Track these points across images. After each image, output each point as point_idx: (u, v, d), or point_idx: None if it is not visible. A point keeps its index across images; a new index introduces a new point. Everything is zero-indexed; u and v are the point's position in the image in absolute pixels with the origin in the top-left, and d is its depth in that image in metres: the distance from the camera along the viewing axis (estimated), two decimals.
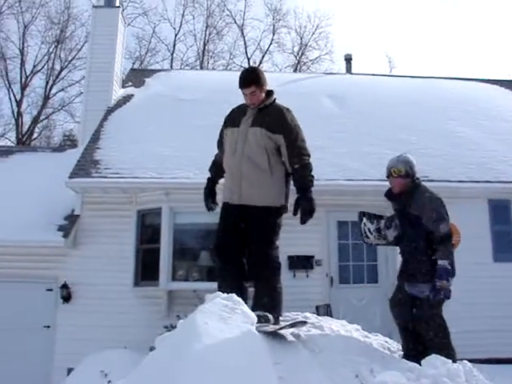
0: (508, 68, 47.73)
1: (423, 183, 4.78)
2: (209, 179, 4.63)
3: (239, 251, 4.21)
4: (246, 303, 3.70)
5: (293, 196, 4.25)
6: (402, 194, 4.65)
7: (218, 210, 4.47)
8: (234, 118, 4.38)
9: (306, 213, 4.05)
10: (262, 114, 4.23)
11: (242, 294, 3.93)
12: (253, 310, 3.73)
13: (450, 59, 46.57)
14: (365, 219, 4.92)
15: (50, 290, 9.56)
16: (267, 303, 3.96)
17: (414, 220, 4.50)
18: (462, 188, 9.70)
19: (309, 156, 4.21)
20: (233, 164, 4.21)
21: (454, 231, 4.79)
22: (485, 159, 10.72)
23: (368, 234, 4.88)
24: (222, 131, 4.51)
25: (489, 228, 10.02)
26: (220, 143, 4.53)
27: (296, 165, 4.14)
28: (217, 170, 4.57)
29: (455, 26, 48.86)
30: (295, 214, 4.07)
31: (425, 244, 4.44)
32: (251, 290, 4.22)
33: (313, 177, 4.19)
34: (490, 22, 48.68)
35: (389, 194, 4.83)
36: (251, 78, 4.26)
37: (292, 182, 4.30)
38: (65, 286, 9.39)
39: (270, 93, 4.35)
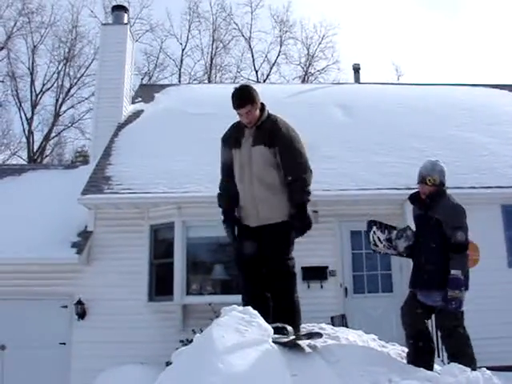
0: None
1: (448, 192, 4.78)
2: (224, 212, 4.42)
3: (259, 263, 4.18)
4: (268, 314, 3.75)
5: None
6: (426, 199, 4.65)
7: None
8: (233, 139, 4.32)
9: (298, 231, 4.10)
10: (260, 132, 4.19)
11: (265, 305, 3.98)
12: (273, 321, 3.73)
13: (458, 65, 46.51)
14: (375, 228, 4.89)
15: (65, 306, 9.60)
16: (286, 314, 3.94)
17: (434, 224, 4.48)
18: (475, 194, 9.64)
19: (305, 169, 4.12)
20: (243, 189, 4.20)
21: (473, 249, 4.79)
22: (496, 164, 10.66)
23: (377, 242, 4.86)
24: (226, 152, 4.38)
25: (503, 233, 9.93)
26: (225, 166, 4.39)
27: (289, 177, 4.09)
28: (228, 199, 4.39)
29: (462, 32, 48.84)
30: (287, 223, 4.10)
31: (442, 251, 4.42)
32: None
33: (305, 191, 4.09)
34: (496, 27, 48.61)
35: (413, 198, 4.83)
36: (245, 97, 4.20)
37: None
38: (79, 303, 9.42)
39: (262, 107, 4.29)
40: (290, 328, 3.77)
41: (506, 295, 9.33)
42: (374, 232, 4.86)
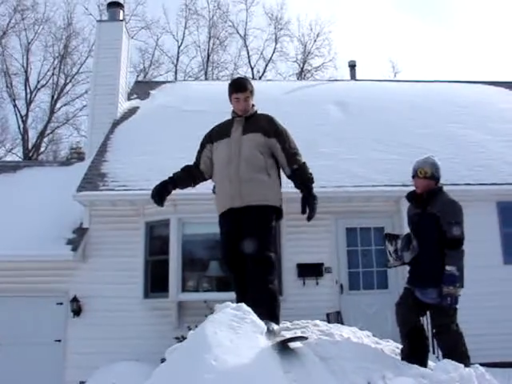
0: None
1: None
2: (170, 177, 4.74)
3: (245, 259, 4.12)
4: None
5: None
6: (423, 195, 4.65)
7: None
8: (220, 132, 4.42)
9: (314, 209, 4.10)
10: (250, 122, 4.31)
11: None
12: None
13: (454, 62, 46.56)
14: (386, 242, 4.85)
15: (61, 303, 9.59)
16: (260, 304, 3.80)
17: (432, 220, 4.47)
18: (470, 191, 9.65)
19: (302, 157, 4.32)
20: (230, 172, 4.19)
21: None
22: (492, 161, 10.69)
23: (389, 256, 4.82)
24: (204, 147, 4.56)
25: (498, 230, 9.95)
26: (199, 159, 4.62)
27: (295, 165, 4.23)
28: (185, 175, 4.72)
29: (459, 28, 48.89)
30: (303, 211, 4.10)
31: (438, 247, 4.42)
32: None
33: (312, 175, 4.25)
34: (493, 24, 48.70)
35: (411, 196, 4.82)
36: (247, 82, 4.43)
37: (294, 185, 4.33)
38: (75, 300, 9.42)
39: (252, 105, 4.47)
40: (273, 325, 3.67)
41: (501, 291, 9.36)
42: (386, 246, 4.82)
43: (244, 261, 4.08)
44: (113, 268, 9.54)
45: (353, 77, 17.65)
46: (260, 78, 30.94)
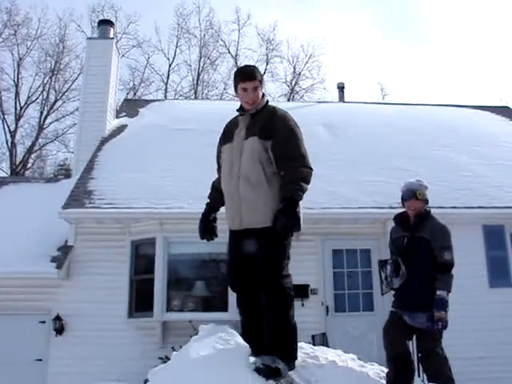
0: (498, 94, 48.30)
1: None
2: (207, 205, 4.11)
3: (252, 283, 3.67)
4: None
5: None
6: (411, 218, 4.66)
7: (218, 240, 4.19)
8: (226, 133, 3.97)
9: (280, 228, 3.46)
10: (254, 121, 3.80)
11: (259, 329, 3.60)
12: (265, 352, 3.40)
13: (442, 86, 47.08)
14: (379, 269, 4.82)
15: (43, 322, 9.44)
16: (278, 342, 3.46)
17: (422, 244, 4.49)
18: (456, 214, 9.68)
19: (301, 162, 3.67)
20: (230, 187, 3.75)
21: None
22: (478, 185, 10.75)
23: (381, 284, 4.79)
24: (218, 150, 4.05)
25: (484, 254, 9.98)
26: (218, 165, 4.07)
27: (282, 171, 3.64)
28: (216, 195, 4.04)
29: (446, 53, 49.53)
30: (273, 225, 3.51)
31: (427, 271, 4.42)
32: None
33: (297, 184, 3.57)
34: (480, 49, 49.42)
35: (399, 218, 4.82)
36: (256, 70, 3.88)
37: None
38: (58, 318, 9.28)
39: (263, 94, 3.93)
40: (281, 366, 3.35)
41: (487, 315, 9.34)
42: (380, 274, 4.80)
43: (250, 283, 3.68)
44: (97, 286, 9.43)
45: (341, 99, 17.76)
46: None
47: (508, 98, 37.50)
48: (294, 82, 32.84)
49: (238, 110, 3.92)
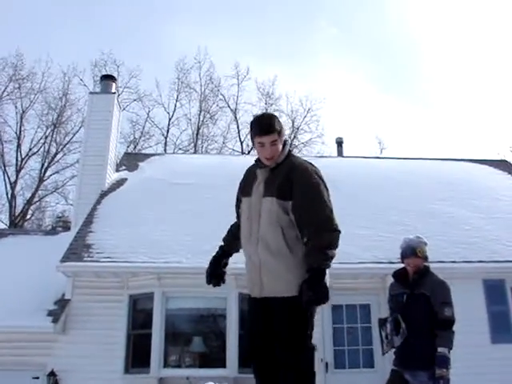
0: (496, 148, 48.81)
1: None
2: (221, 248, 3.76)
3: (272, 356, 3.32)
4: None
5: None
6: (411, 275, 4.65)
7: (217, 295, 3.95)
8: (246, 183, 3.56)
9: (306, 303, 3.10)
10: (273, 175, 3.39)
11: None
12: None
13: (439, 139, 47.61)
14: (379, 328, 4.77)
15: (37, 378, 9.21)
16: None
17: (422, 301, 4.47)
18: (456, 268, 9.64)
19: (326, 226, 3.27)
20: (250, 249, 3.39)
21: None
22: (477, 239, 10.74)
23: (382, 343, 4.74)
24: (237, 197, 3.66)
25: (485, 309, 9.88)
26: (237, 213, 3.69)
27: (305, 237, 3.26)
28: (232, 240, 3.70)
29: (443, 107, 50.28)
30: (299, 296, 3.13)
31: (428, 328, 4.38)
32: None
33: (324, 253, 3.19)
34: (477, 102, 50.19)
35: (398, 275, 4.80)
36: (274, 123, 3.41)
37: None
38: (52, 374, 9.07)
39: (284, 143, 3.48)
40: None
41: (489, 372, 9.17)
42: (381, 333, 4.76)
43: (270, 356, 3.33)
44: (94, 341, 9.28)
45: (340, 153, 17.96)
46: (249, 152, 31.40)
47: (506, 151, 37.90)
48: (292, 136, 33.18)
49: (256, 161, 3.54)
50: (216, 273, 3.62)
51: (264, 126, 3.40)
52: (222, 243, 3.78)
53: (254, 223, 3.36)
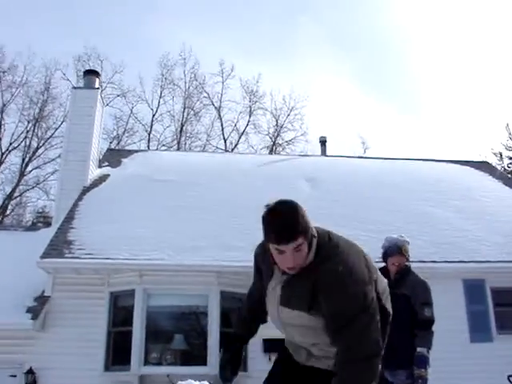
0: (477, 149, 49.30)
1: None
2: (234, 335, 3.00)
3: None
4: None
5: None
6: (392, 274, 4.66)
7: (197, 292, 3.67)
8: (265, 273, 2.65)
9: None
10: (296, 282, 2.44)
11: None
12: None
13: (422, 140, 47.94)
14: None
15: (14, 376, 9.07)
16: None
17: (403, 300, 4.47)
18: (436, 268, 9.73)
19: (369, 365, 2.40)
20: (291, 344, 2.76)
21: None
22: (457, 238, 10.84)
23: None
24: (257, 281, 2.79)
25: (464, 308, 9.98)
26: (251, 295, 2.93)
27: (338, 367, 2.34)
28: (247, 327, 3.01)
29: (427, 109, 50.62)
30: None
31: (409, 328, 4.40)
32: None
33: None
34: (460, 106, 50.61)
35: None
36: (297, 223, 2.32)
37: None
38: (30, 372, 8.95)
39: (310, 241, 2.43)
40: None
41: (468, 370, 9.26)
42: None
43: None
44: (73, 338, 9.19)
45: (323, 153, 18.00)
46: (232, 150, 31.36)
47: (487, 153, 38.27)
48: (276, 135, 33.21)
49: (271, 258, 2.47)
50: (233, 374, 2.87)
51: (284, 234, 2.29)
52: (234, 331, 3.04)
53: (282, 326, 2.64)
